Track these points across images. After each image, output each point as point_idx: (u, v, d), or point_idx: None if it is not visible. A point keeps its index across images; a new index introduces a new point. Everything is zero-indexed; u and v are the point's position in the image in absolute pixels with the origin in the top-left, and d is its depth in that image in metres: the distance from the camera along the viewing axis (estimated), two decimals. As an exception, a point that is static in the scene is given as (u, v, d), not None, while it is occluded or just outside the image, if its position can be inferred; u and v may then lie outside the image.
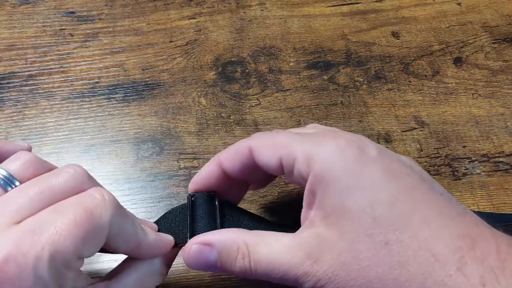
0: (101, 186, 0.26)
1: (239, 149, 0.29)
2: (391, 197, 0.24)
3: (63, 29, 0.48)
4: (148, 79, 0.44)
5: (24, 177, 0.24)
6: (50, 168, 0.25)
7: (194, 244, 0.26)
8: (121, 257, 0.27)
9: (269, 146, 0.27)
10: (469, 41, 0.47)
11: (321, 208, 0.25)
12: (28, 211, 0.22)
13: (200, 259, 0.26)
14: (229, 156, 0.29)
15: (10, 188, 0.24)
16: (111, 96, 0.43)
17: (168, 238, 0.28)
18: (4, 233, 0.21)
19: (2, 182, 0.24)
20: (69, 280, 0.22)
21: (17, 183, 0.24)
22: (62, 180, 0.24)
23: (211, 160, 0.30)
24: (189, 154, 0.40)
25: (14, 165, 0.24)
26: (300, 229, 0.26)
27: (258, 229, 0.27)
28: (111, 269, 0.27)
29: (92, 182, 0.25)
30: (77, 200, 0.23)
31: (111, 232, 0.23)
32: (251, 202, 0.37)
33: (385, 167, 0.25)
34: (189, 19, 0.49)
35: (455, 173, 0.38)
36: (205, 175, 0.30)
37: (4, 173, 0.24)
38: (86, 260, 0.23)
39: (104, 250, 0.25)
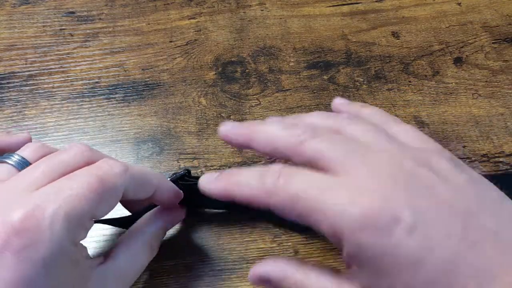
0: (108, 157, 0.28)
1: (258, 205, 0.26)
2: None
3: (63, 29, 0.48)
4: (148, 79, 0.44)
5: (36, 160, 0.27)
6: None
7: (253, 276, 0.27)
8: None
9: (291, 209, 0.24)
10: (469, 41, 0.47)
11: (358, 278, 0.24)
12: (43, 180, 0.25)
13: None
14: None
15: (8, 159, 0.27)
16: (111, 96, 0.43)
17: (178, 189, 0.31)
18: (23, 197, 0.24)
19: (16, 164, 0.27)
20: (81, 239, 0.25)
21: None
22: (71, 154, 0.27)
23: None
24: (189, 154, 0.40)
25: (25, 151, 0.28)
26: (343, 279, 0.25)
27: None
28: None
29: (98, 155, 0.28)
30: (89, 169, 0.26)
31: (126, 192, 0.26)
32: (251, 202, 0.37)
33: (422, 244, 0.21)
34: (189, 19, 0.49)
35: (455, 173, 0.38)
36: None
37: (18, 157, 0.27)
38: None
39: (124, 204, 0.30)
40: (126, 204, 0.33)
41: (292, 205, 0.24)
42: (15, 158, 0.27)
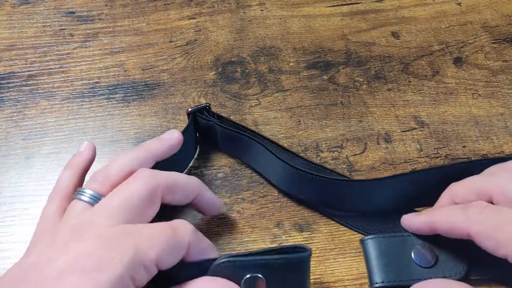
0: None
1: (458, 232, 0.30)
2: None
3: (63, 29, 0.48)
4: (148, 79, 0.44)
5: (107, 192, 0.29)
6: (121, 176, 0.30)
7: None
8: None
9: (490, 238, 0.28)
10: (469, 41, 0.47)
11: None
12: (120, 218, 0.27)
13: None
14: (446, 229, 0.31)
15: (83, 196, 0.29)
16: (111, 96, 0.43)
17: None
18: (104, 230, 0.27)
19: (90, 201, 0.29)
20: (141, 282, 0.26)
21: (102, 199, 0.29)
22: (139, 185, 0.29)
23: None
24: (189, 154, 0.40)
25: (95, 185, 0.30)
26: None
27: None
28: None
29: (163, 180, 0.30)
30: (166, 223, 0.28)
31: (190, 251, 0.28)
32: (251, 202, 0.37)
33: None
34: (189, 19, 0.49)
35: (455, 173, 0.38)
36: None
37: (91, 192, 0.29)
38: None
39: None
40: None
41: (492, 234, 0.28)
42: (87, 194, 0.29)
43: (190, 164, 0.39)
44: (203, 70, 0.45)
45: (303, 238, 0.35)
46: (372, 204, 0.36)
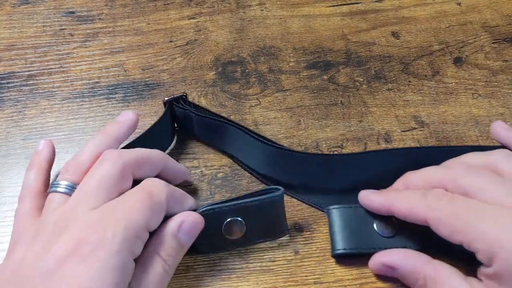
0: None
1: (415, 217, 0.31)
2: None
3: (63, 29, 0.48)
4: (148, 79, 0.44)
5: (79, 180, 0.30)
6: (91, 162, 0.31)
7: (377, 263, 0.32)
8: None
9: (447, 225, 0.29)
10: (469, 41, 0.47)
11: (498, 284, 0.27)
12: (99, 201, 0.28)
13: (381, 273, 0.32)
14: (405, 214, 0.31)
15: (58, 188, 0.30)
16: (111, 96, 0.43)
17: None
18: (86, 215, 0.28)
19: (66, 191, 0.30)
20: (138, 251, 0.28)
21: (76, 187, 0.30)
22: (109, 166, 0.30)
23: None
24: (189, 154, 0.40)
25: (67, 175, 0.31)
26: (474, 285, 0.28)
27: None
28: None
29: (132, 156, 0.31)
30: (139, 187, 0.30)
31: (168, 205, 0.30)
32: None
33: None
34: (189, 19, 0.49)
35: (455, 173, 0.38)
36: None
37: (66, 183, 0.30)
38: None
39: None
40: None
41: (450, 221, 0.29)
42: (62, 185, 0.30)
43: (190, 165, 0.39)
44: (203, 70, 0.45)
45: (303, 238, 0.35)
46: (354, 179, 0.37)
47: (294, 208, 0.37)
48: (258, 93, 0.43)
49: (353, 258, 0.34)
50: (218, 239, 0.33)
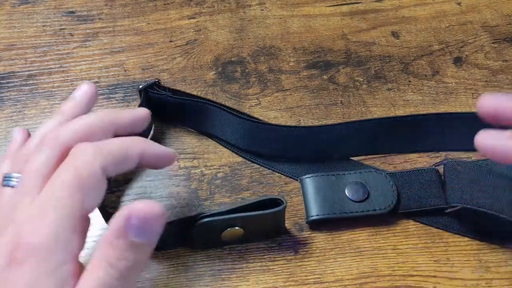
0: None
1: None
2: None
3: (63, 29, 0.48)
4: (148, 79, 0.44)
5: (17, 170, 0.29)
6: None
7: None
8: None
9: None
10: (469, 41, 0.47)
11: None
12: (37, 189, 0.26)
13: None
14: None
15: (11, 181, 0.28)
16: (111, 96, 0.43)
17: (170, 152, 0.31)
18: (26, 210, 0.25)
19: (5, 182, 0.28)
20: (78, 242, 0.25)
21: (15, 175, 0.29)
22: (47, 153, 0.27)
23: None
24: (189, 154, 0.40)
25: (4, 167, 0.30)
26: None
27: None
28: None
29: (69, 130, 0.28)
30: (63, 167, 0.26)
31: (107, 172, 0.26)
32: (251, 202, 0.37)
33: None
34: (189, 19, 0.49)
35: (455, 173, 0.38)
36: None
37: (18, 174, 0.28)
38: None
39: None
40: None
41: None
42: (14, 178, 0.28)
43: (190, 165, 0.39)
44: (203, 70, 0.45)
45: (303, 238, 0.35)
46: (328, 149, 0.39)
47: (294, 207, 0.37)
48: (258, 93, 0.43)
49: (354, 257, 0.34)
50: (215, 241, 0.34)
